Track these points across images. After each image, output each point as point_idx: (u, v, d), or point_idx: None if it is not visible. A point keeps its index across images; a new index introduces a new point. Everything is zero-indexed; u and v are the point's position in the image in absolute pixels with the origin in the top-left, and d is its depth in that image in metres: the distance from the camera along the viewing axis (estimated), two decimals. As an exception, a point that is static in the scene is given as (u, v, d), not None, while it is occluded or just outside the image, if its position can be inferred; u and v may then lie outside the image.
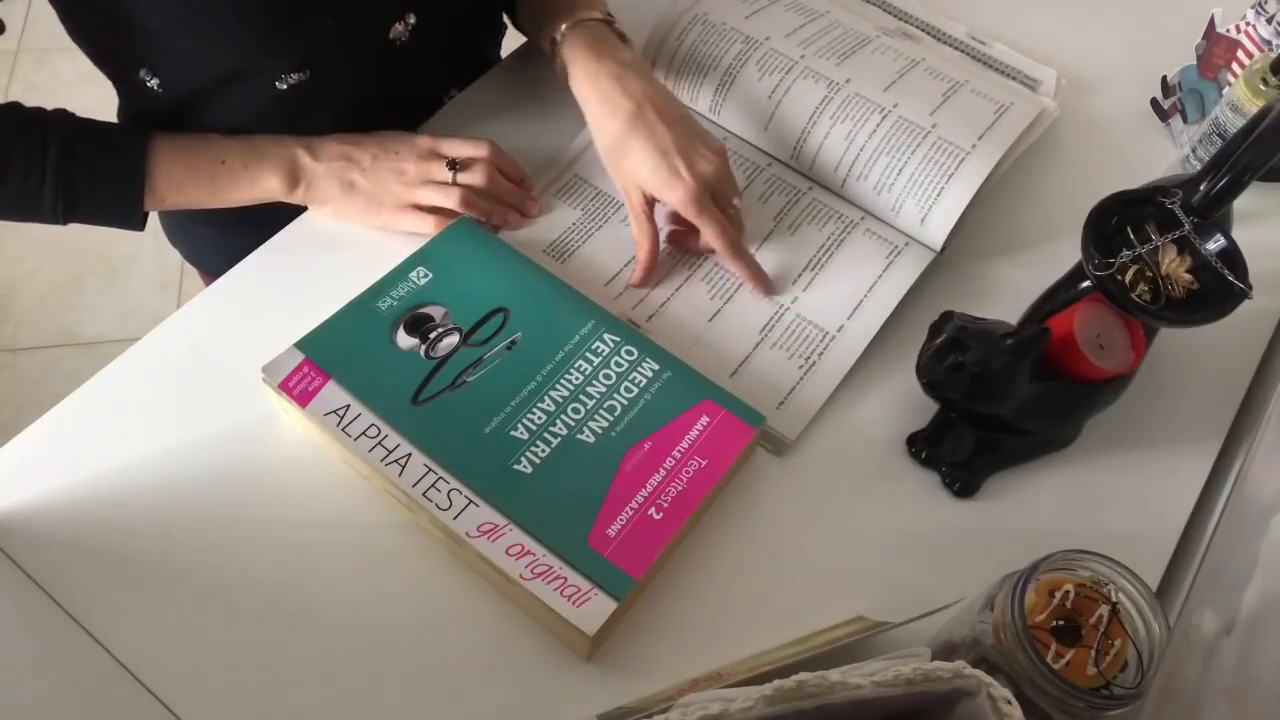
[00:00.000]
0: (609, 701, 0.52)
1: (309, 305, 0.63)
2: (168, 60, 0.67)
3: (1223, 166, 0.56)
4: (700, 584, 0.59)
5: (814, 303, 0.70)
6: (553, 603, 0.53)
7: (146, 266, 1.76)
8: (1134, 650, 0.47)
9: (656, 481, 0.58)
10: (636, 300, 0.70)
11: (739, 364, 0.67)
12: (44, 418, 0.62)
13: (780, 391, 0.66)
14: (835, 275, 0.71)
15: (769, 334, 0.68)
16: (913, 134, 0.72)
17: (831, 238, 0.73)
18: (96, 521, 0.58)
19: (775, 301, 0.70)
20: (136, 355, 0.66)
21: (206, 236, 0.87)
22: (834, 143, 0.74)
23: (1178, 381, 0.69)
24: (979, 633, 0.49)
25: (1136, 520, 0.63)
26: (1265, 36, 0.78)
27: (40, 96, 2.01)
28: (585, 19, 0.71)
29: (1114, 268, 0.57)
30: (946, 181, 0.70)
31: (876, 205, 0.73)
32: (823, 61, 0.76)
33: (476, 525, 0.55)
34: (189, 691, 0.54)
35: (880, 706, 0.40)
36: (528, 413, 0.60)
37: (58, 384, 1.64)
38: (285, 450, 0.62)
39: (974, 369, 0.57)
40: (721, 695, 0.40)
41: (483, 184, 0.71)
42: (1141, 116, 0.86)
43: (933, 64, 0.77)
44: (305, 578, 0.57)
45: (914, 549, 0.61)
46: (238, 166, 0.68)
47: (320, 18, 0.65)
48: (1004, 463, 0.64)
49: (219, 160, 0.68)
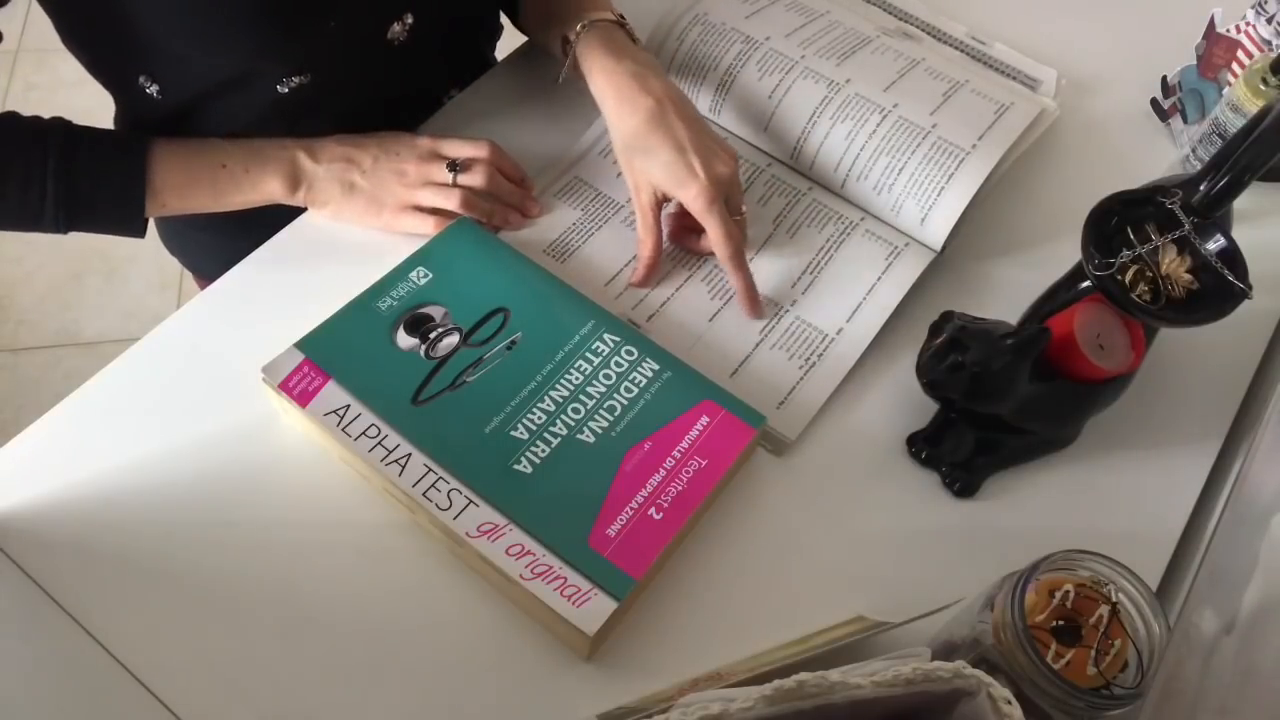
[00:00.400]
0: (609, 701, 0.52)
1: (309, 305, 0.63)
2: (168, 67, 0.67)
3: (1223, 166, 0.56)
4: (700, 584, 0.59)
5: (813, 305, 0.70)
6: (553, 603, 0.53)
7: (146, 266, 1.76)
8: (1134, 650, 0.47)
9: (656, 481, 0.58)
10: (636, 300, 0.70)
11: (739, 364, 0.67)
12: (44, 418, 0.62)
13: (780, 392, 0.66)
14: (835, 277, 0.71)
15: (769, 335, 0.68)
16: (913, 134, 0.72)
17: (831, 239, 0.73)
18: (96, 521, 0.58)
19: (774, 303, 0.70)
20: (136, 355, 0.66)
21: (203, 242, 0.87)
22: (834, 143, 0.74)
23: (1178, 381, 0.69)
24: (979, 633, 0.49)
25: (1136, 520, 0.63)
26: (1265, 36, 0.78)
27: (40, 97, 2.02)
28: (599, 19, 0.72)
29: (1114, 268, 0.57)
30: (946, 181, 0.70)
31: (876, 205, 0.73)
32: (823, 61, 0.76)
33: (476, 525, 0.55)
34: (189, 691, 0.54)
35: (880, 706, 0.40)
36: (528, 413, 0.60)
37: (58, 384, 1.64)
38: (285, 450, 0.62)
39: (974, 369, 0.57)
40: (721, 695, 0.40)
41: (483, 185, 0.71)
42: (1141, 116, 0.86)
43: (933, 64, 0.77)
44: (305, 578, 0.57)
45: (914, 549, 0.61)
46: (239, 170, 0.68)
47: (322, 20, 0.65)
48: (1004, 463, 0.64)
49: (219, 165, 0.68)
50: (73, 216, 0.65)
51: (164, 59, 0.66)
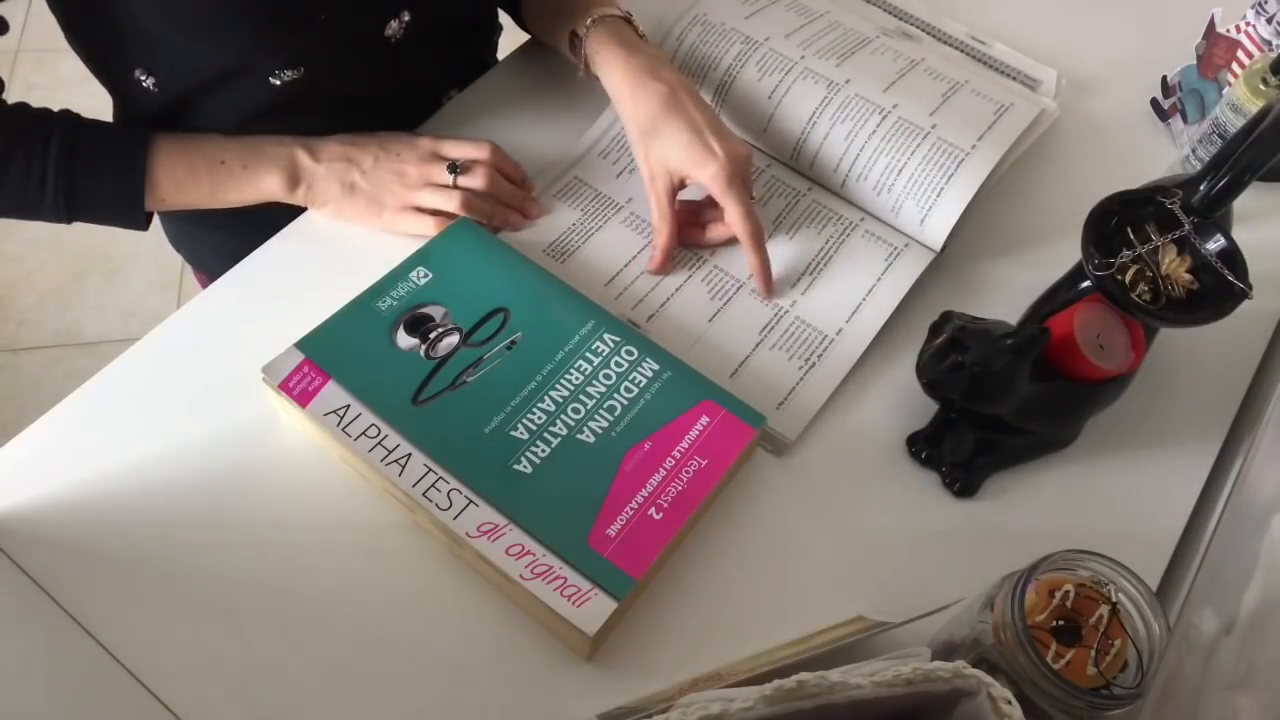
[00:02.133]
0: (609, 701, 0.52)
1: (309, 305, 0.63)
2: (163, 59, 0.67)
3: (1223, 166, 0.56)
4: (700, 584, 0.59)
5: (813, 305, 0.70)
6: (553, 603, 0.53)
7: (146, 266, 1.76)
8: (1134, 650, 0.47)
9: (656, 481, 0.58)
10: (636, 300, 0.70)
11: (739, 364, 0.67)
12: (44, 418, 0.62)
13: (780, 392, 0.66)
14: (835, 277, 0.71)
15: (769, 335, 0.68)
16: (913, 134, 0.72)
17: (831, 240, 0.73)
18: (96, 521, 0.58)
19: (774, 304, 0.70)
20: (136, 355, 0.66)
21: (212, 241, 0.87)
22: (834, 143, 0.73)
23: (1178, 381, 0.69)
24: (979, 633, 0.49)
25: (1136, 520, 0.63)
26: (1265, 36, 0.78)
27: (40, 96, 2.01)
28: (607, 14, 0.73)
29: (1114, 268, 0.57)
30: (946, 182, 0.70)
31: (876, 206, 0.73)
32: (822, 62, 0.76)
33: (476, 525, 0.55)
34: (189, 691, 0.54)
35: (880, 706, 0.40)
36: (528, 413, 0.60)
37: (58, 384, 1.64)
38: (285, 450, 0.62)
39: (974, 369, 0.57)
40: (721, 695, 0.40)
41: (483, 187, 0.71)
42: (1141, 116, 0.86)
43: (933, 64, 0.77)
44: (305, 578, 0.57)
45: (914, 549, 0.61)
46: (237, 167, 0.68)
47: (311, 15, 0.65)
48: (1004, 463, 0.64)
49: (218, 160, 0.68)
50: (73, 204, 0.65)
51: (158, 52, 0.66)
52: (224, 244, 0.78)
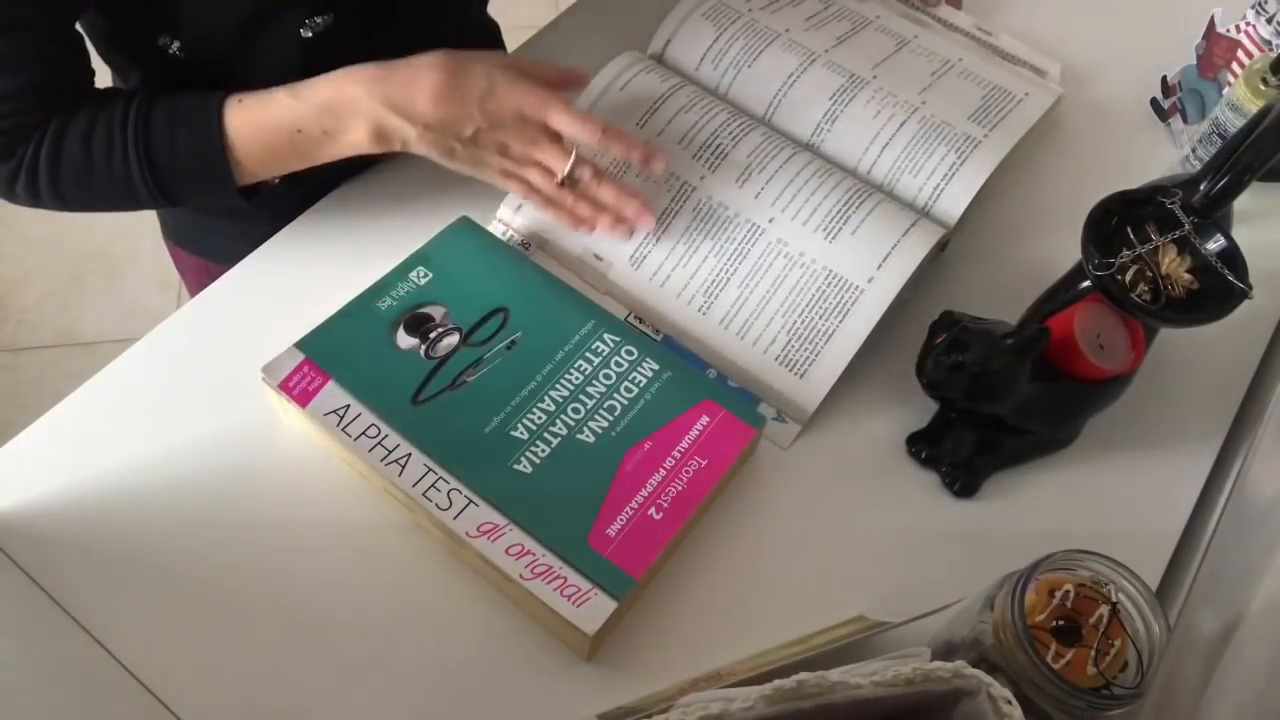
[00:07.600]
0: (609, 701, 0.52)
1: (309, 305, 0.63)
2: (187, 19, 0.64)
3: (1223, 166, 0.56)
4: (700, 584, 0.59)
5: (841, 254, 0.68)
6: (553, 603, 0.53)
7: (146, 266, 1.76)
8: (1134, 650, 0.47)
9: (656, 481, 0.58)
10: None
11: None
12: (44, 418, 0.62)
13: (796, 366, 0.65)
14: (848, 234, 0.69)
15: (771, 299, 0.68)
16: (940, 129, 0.73)
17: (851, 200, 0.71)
18: (96, 521, 0.58)
19: (794, 257, 0.68)
20: (136, 355, 0.66)
21: (231, 232, 0.84)
22: (851, 140, 0.74)
23: (1178, 381, 0.69)
24: (979, 633, 0.49)
25: (1136, 520, 0.63)
26: (1265, 36, 0.78)
27: (40, 96, 2.01)
28: None
29: (1114, 268, 0.57)
30: (962, 163, 0.71)
31: (887, 184, 0.74)
32: (833, 44, 0.78)
33: (476, 525, 0.55)
34: (189, 691, 0.54)
35: (880, 706, 0.40)
36: (528, 413, 0.60)
37: (58, 384, 1.63)
38: (285, 450, 0.62)
39: (974, 369, 0.57)
40: (721, 695, 0.40)
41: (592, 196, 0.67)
42: (1141, 116, 0.86)
43: (964, 64, 0.79)
44: (305, 578, 0.57)
45: (914, 549, 0.61)
46: (317, 132, 0.64)
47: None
48: (1004, 463, 0.64)
49: (295, 130, 0.64)
50: (168, 194, 0.64)
51: (182, 8, 0.64)
52: (240, 230, 0.76)
